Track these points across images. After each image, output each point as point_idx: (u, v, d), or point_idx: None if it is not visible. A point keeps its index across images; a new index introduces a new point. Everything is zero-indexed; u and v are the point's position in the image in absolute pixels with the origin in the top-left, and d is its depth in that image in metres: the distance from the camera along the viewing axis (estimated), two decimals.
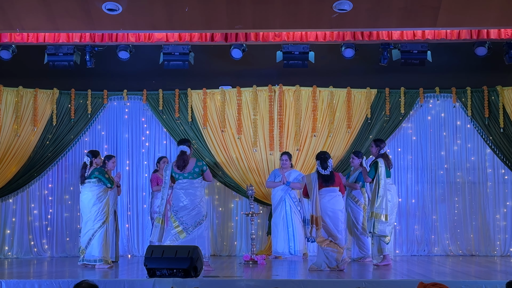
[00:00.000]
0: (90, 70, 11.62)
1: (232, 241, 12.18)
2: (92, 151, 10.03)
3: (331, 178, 9.25)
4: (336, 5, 9.71)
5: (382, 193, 9.55)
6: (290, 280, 7.71)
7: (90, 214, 9.61)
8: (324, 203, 9.12)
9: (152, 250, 7.99)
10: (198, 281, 7.54)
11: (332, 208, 9.14)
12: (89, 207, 9.64)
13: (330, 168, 9.28)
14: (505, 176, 12.12)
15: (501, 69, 11.80)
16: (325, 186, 9.20)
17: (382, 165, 9.67)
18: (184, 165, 9.09)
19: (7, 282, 7.49)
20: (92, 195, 9.66)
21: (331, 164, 9.32)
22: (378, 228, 9.46)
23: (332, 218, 9.11)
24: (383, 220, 9.48)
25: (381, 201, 9.52)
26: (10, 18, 10.00)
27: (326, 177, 9.23)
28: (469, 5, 9.76)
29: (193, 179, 9.10)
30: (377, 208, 9.50)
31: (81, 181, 9.85)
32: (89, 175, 9.74)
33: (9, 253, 11.96)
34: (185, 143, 9.33)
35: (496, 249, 12.00)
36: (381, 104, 12.22)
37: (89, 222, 9.62)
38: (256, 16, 10.03)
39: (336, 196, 9.24)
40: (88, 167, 9.80)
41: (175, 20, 10.11)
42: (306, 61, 11.13)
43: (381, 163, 9.69)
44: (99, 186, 9.70)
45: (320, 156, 9.35)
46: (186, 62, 11.21)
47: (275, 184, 11.27)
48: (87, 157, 9.89)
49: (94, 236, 9.56)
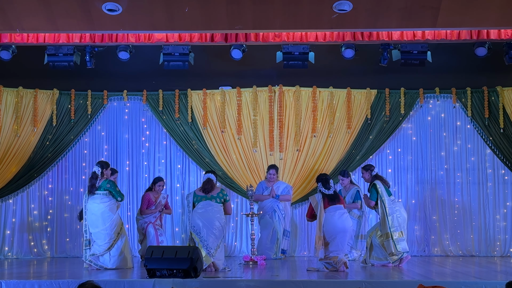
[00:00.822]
0: (90, 70, 11.62)
1: (232, 241, 12.18)
2: (102, 162, 9.80)
3: (336, 196, 9.40)
4: (336, 5, 9.70)
5: (390, 212, 9.72)
6: (290, 280, 7.71)
7: (105, 227, 9.43)
8: (335, 221, 9.21)
9: (152, 250, 8.00)
10: (198, 281, 7.54)
11: (343, 225, 9.21)
12: (104, 220, 9.45)
13: (333, 188, 9.43)
14: (505, 176, 12.12)
15: (501, 70, 11.81)
16: (331, 204, 9.30)
17: (381, 185, 9.85)
18: (211, 190, 9.43)
19: (7, 283, 7.49)
20: (104, 207, 9.48)
21: (333, 184, 9.47)
22: (400, 247, 9.63)
23: (342, 235, 9.18)
24: (401, 237, 9.66)
25: (392, 219, 9.70)
26: (10, 18, 10.00)
27: (331, 196, 9.36)
28: (469, 6, 9.76)
29: (215, 202, 9.38)
30: (391, 227, 9.65)
31: (90, 191, 9.56)
32: (100, 186, 9.54)
33: (9, 253, 11.96)
34: (213, 172, 9.91)
35: (496, 250, 12.00)
36: (381, 105, 12.22)
37: (103, 235, 9.43)
38: (256, 17, 10.03)
39: (345, 213, 9.36)
40: (99, 177, 9.57)
41: (175, 20, 10.11)
42: (306, 61, 11.14)
43: (379, 184, 9.86)
44: (110, 197, 9.54)
45: (321, 178, 9.49)
46: (186, 63, 11.21)
47: (264, 197, 11.38)
48: (97, 167, 9.63)
49: (111, 249, 9.42)
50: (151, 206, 10.90)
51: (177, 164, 12.32)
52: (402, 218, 9.86)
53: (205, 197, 9.36)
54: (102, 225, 9.47)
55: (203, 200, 9.34)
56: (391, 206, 9.77)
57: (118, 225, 9.55)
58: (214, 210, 9.28)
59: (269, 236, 11.31)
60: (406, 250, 9.71)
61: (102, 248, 9.42)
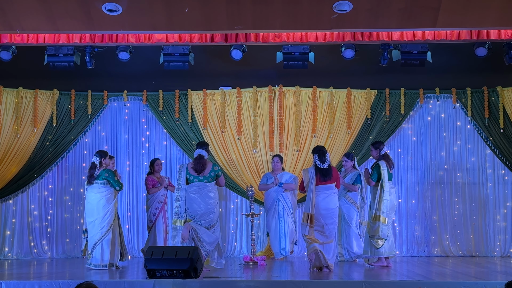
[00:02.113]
0: (90, 71, 11.63)
1: (232, 242, 12.18)
2: (101, 151, 9.80)
3: (329, 172, 9.17)
4: (336, 5, 9.71)
5: (387, 197, 9.60)
6: (290, 281, 7.70)
7: (98, 217, 9.45)
8: (318, 201, 9.08)
9: (152, 251, 7.99)
10: (198, 282, 7.54)
11: (326, 206, 9.10)
12: (99, 209, 9.47)
13: (328, 162, 9.21)
14: (505, 176, 12.12)
15: (501, 70, 11.81)
16: (322, 182, 9.13)
17: (384, 168, 9.68)
18: (203, 169, 9.22)
19: (7, 283, 7.49)
20: (101, 197, 9.49)
21: (328, 158, 9.27)
22: (383, 233, 9.51)
23: (324, 217, 9.08)
24: (385, 223, 9.54)
25: (386, 204, 9.58)
26: (10, 19, 10.00)
27: (324, 171, 9.14)
28: (469, 6, 9.76)
29: (207, 182, 9.24)
30: (383, 212, 9.54)
31: (89, 181, 9.62)
32: (98, 175, 9.57)
33: (9, 254, 11.95)
34: (203, 146, 9.43)
35: (496, 250, 12.00)
36: (381, 105, 12.22)
37: (96, 224, 9.46)
38: (256, 17, 10.03)
39: (331, 194, 9.19)
40: (97, 167, 9.60)
41: (175, 20, 10.11)
42: (306, 61, 11.14)
43: (383, 165, 9.70)
44: (108, 187, 9.55)
45: (318, 150, 9.27)
46: (186, 63, 11.22)
47: (268, 186, 11.26)
48: (95, 157, 9.65)
49: (101, 240, 9.42)
50: (156, 185, 10.99)
51: (177, 165, 12.30)
52: (392, 205, 9.72)
53: (197, 178, 9.22)
54: (96, 214, 9.46)
55: (196, 181, 9.22)
56: (388, 191, 9.62)
57: (112, 216, 9.52)
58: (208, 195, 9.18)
59: (276, 228, 11.08)
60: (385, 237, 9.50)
61: (94, 239, 9.40)
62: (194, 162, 9.32)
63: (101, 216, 9.45)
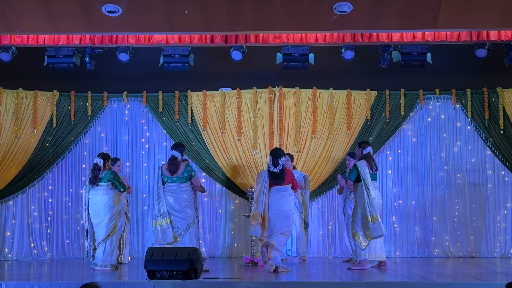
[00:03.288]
0: (90, 72, 11.64)
1: (233, 242, 12.17)
2: (104, 154, 9.83)
3: (280, 176, 9.14)
4: (336, 6, 9.71)
5: (374, 195, 9.44)
6: (290, 281, 7.70)
7: (106, 218, 9.54)
8: (271, 202, 9.09)
9: (152, 252, 7.99)
10: (198, 283, 7.54)
11: (279, 208, 9.08)
12: (106, 211, 9.54)
13: (281, 166, 9.15)
14: (505, 177, 12.11)
15: (501, 71, 11.81)
16: (275, 185, 9.14)
17: (365, 167, 9.49)
18: (175, 170, 9.33)
19: (7, 284, 7.48)
20: (108, 198, 9.57)
21: (283, 162, 9.21)
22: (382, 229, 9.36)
23: (277, 218, 9.06)
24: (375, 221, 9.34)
25: (376, 202, 9.42)
26: (10, 20, 10.00)
27: (275, 175, 9.13)
28: (469, 7, 9.76)
29: (181, 183, 9.35)
30: (373, 210, 9.38)
31: (94, 182, 9.64)
32: (103, 177, 9.63)
33: (9, 255, 11.95)
34: (177, 148, 9.52)
35: (496, 251, 11.99)
36: (381, 106, 12.22)
37: (103, 225, 9.54)
38: (256, 18, 10.03)
39: (286, 196, 9.16)
40: (101, 169, 9.64)
41: (175, 22, 10.11)
42: (306, 62, 11.15)
43: (363, 165, 9.51)
44: (113, 189, 9.65)
45: (273, 153, 9.25)
46: (186, 64, 11.23)
47: None
48: (99, 158, 9.68)
49: (106, 241, 9.51)
50: None
51: None
52: (378, 204, 9.55)
53: (171, 179, 9.35)
54: (103, 216, 9.56)
55: (169, 181, 9.35)
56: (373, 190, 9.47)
57: (116, 218, 9.68)
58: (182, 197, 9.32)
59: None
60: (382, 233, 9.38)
61: (99, 239, 9.53)
62: (167, 163, 9.45)
63: (108, 218, 9.54)
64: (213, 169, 12.10)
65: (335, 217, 12.11)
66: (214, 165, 12.14)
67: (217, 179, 12.16)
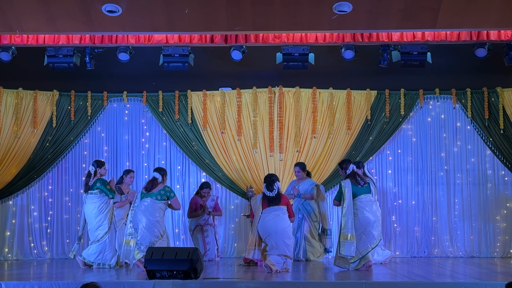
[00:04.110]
0: (90, 71, 11.64)
1: (232, 242, 12.17)
2: (98, 161, 10.11)
3: (276, 199, 9.29)
4: (336, 6, 9.71)
5: (346, 213, 9.21)
6: (290, 281, 7.70)
7: (92, 226, 9.89)
8: (267, 221, 9.17)
9: (152, 252, 7.99)
10: (198, 283, 7.54)
11: (275, 226, 9.12)
12: (91, 219, 9.89)
13: (276, 191, 9.28)
14: (505, 177, 12.11)
15: (501, 71, 11.82)
16: (270, 206, 9.27)
17: (347, 186, 9.31)
18: (151, 188, 9.52)
19: (7, 284, 7.48)
20: (93, 207, 9.86)
21: (277, 186, 9.32)
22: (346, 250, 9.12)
23: (275, 238, 9.08)
24: (349, 240, 9.14)
25: (346, 221, 9.19)
26: (10, 20, 10.00)
27: (271, 198, 9.29)
28: (469, 7, 9.76)
29: (156, 200, 9.48)
30: (343, 229, 9.19)
31: (84, 189, 10.04)
32: (92, 185, 9.90)
33: (9, 255, 11.95)
34: (160, 171, 9.68)
35: (496, 251, 11.99)
36: (381, 106, 12.22)
37: (92, 232, 9.93)
38: (256, 18, 10.03)
39: (281, 214, 9.23)
40: (92, 176, 9.94)
41: (175, 21, 10.11)
42: (306, 62, 11.15)
43: (346, 183, 9.34)
44: (101, 197, 9.86)
45: (266, 179, 9.41)
46: (186, 64, 11.23)
47: (290, 197, 11.03)
48: (92, 166, 10.00)
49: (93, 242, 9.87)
50: (198, 210, 11.38)
51: (177, 165, 12.32)
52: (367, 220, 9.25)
53: (146, 195, 9.52)
54: (90, 224, 9.93)
55: (144, 197, 9.52)
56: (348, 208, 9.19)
57: (106, 224, 9.87)
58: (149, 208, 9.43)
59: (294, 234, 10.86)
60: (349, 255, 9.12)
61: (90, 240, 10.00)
62: (147, 182, 9.69)
63: (94, 225, 9.88)
64: (213, 169, 12.10)
65: (334, 217, 12.10)
66: (214, 164, 12.14)
67: (217, 179, 12.16)
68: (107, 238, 9.81)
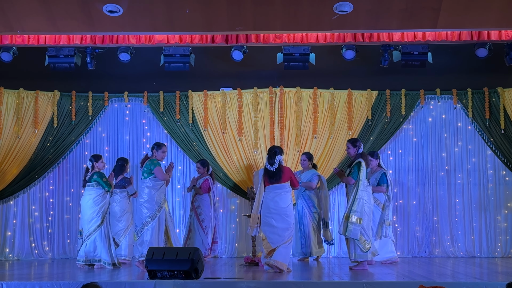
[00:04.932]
0: (91, 72, 11.65)
1: (233, 242, 12.17)
2: (95, 155, 10.19)
3: (276, 174, 9.01)
4: (337, 6, 9.72)
5: (360, 195, 9.12)
6: (291, 281, 7.70)
7: (87, 217, 9.87)
8: (267, 201, 9.01)
9: (153, 251, 7.99)
10: (199, 282, 7.54)
11: (275, 206, 8.96)
12: (86, 210, 9.91)
13: (277, 165, 8.99)
14: (506, 177, 12.11)
15: (502, 71, 11.82)
16: (271, 183, 9.04)
17: (364, 167, 9.23)
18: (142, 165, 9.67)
19: (8, 284, 7.48)
20: (89, 199, 9.90)
21: (279, 160, 9.01)
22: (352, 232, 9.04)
23: (274, 216, 8.97)
24: (355, 222, 9.06)
25: (358, 203, 9.09)
26: (11, 20, 10.01)
27: (271, 173, 9.01)
28: (470, 7, 9.77)
29: (144, 178, 9.53)
30: (353, 210, 9.06)
31: (83, 184, 10.15)
32: (89, 178, 9.99)
33: (10, 255, 11.96)
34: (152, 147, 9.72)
35: (497, 251, 11.99)
36: (381, 106, 12.22)
37: (85, 223, 9.90)
38: (256, 18, 10.04)
39: (281, 193, 9.01)
40: (90, 170, 10.03)
41: (175, 21, 10.12)
42: (307, 62, 11.15)
43: (363, 164, 9.25)
44: (97, 189, 9.90)
45: (268, 151, 9.16)
46: (186, 64, 11.24)
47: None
48: (89, 161, 10.10)
49: (89, 238, 9.80)
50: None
51: (178, 165, 12.32)
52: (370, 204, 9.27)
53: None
54: (85, 215, 9.91)
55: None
56: (363, 190, 9.13)
57: (99, 217, 9.83)
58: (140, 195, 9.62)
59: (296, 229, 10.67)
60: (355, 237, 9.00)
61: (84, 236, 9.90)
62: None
63: (88, 216, 9.85)
64: (214, 169, 12.10)
65: (334, 217, 12.10)
66: (215, 165, 12.15)
67: (218, 179, 12.17)
68: (98, 232, 9.76)
